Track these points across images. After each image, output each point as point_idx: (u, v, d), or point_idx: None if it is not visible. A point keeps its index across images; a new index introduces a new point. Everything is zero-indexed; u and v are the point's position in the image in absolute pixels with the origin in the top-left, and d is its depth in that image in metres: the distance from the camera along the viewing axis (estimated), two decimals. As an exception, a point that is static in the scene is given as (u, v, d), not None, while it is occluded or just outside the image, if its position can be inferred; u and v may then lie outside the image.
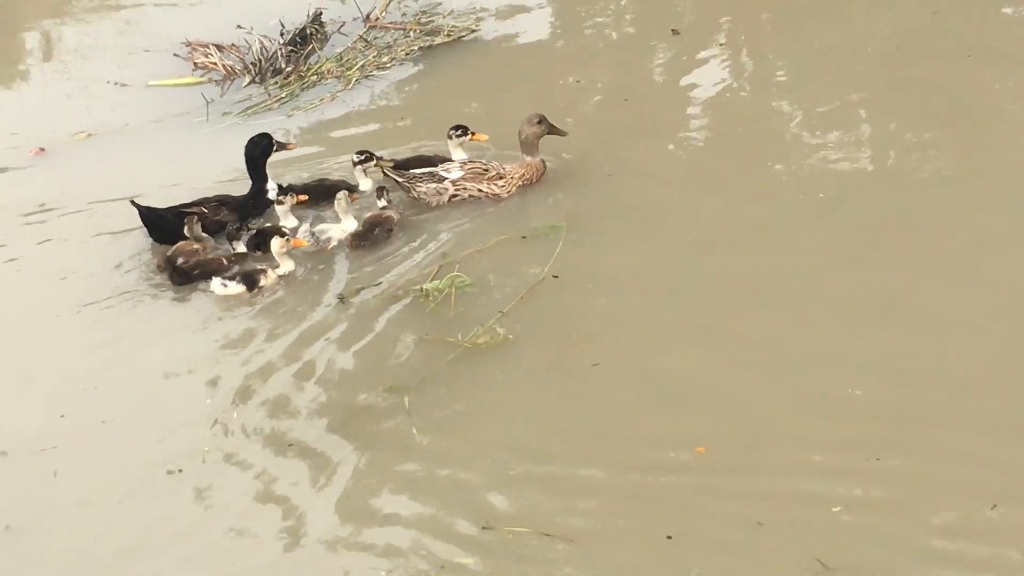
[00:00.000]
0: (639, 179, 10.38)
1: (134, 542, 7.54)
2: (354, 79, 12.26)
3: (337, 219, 10.20)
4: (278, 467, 7.93)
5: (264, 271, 9.81)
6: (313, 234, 10.11)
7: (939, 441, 7.58)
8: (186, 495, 7.81)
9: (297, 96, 12.15)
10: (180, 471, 7.94)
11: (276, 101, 12.09)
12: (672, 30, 12.59)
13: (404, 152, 10.93)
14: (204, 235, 10.20)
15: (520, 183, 10.47)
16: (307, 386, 8.57)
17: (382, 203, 10.26)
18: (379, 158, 10.61)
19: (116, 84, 12.73)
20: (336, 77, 12.36)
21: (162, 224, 10.19)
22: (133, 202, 10.16)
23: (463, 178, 10.43)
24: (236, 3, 13.88)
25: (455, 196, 10.42)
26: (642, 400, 8.14)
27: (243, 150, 10.59)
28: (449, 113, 11.37)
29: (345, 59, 12.60)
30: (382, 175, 10.50)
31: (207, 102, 12.14)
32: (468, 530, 7.33)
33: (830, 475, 7.43)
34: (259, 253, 10.03)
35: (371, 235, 10.06)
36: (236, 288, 9.71)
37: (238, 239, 10.14)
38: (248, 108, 12.06)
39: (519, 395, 8.32)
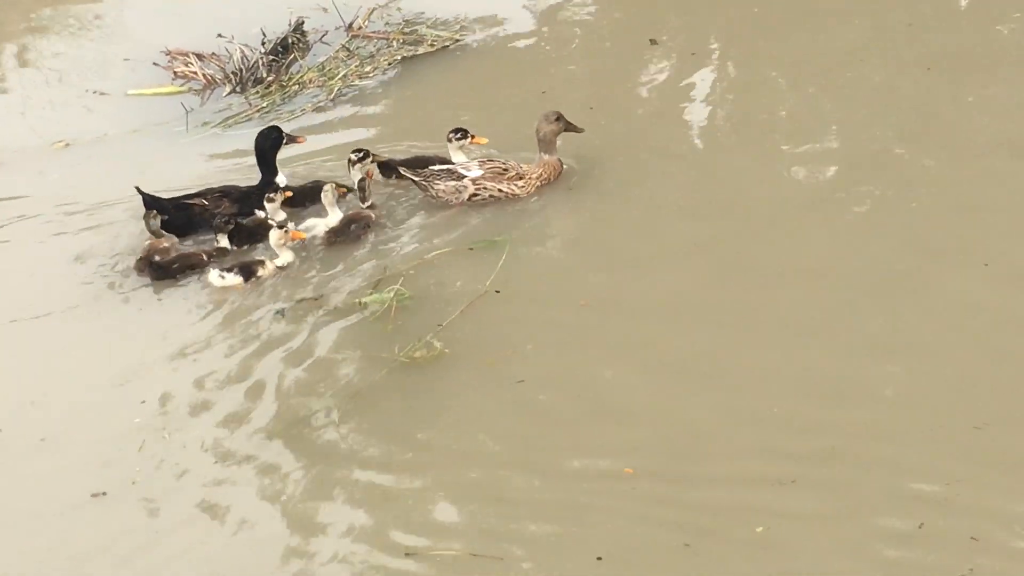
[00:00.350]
0: (594, 195, 10.27)
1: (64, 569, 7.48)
2: (336, 88, 12.13)
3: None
4: (215, 480, 7.89)
5: (262, 262, 9.86)
6: (284, 227, 10.10)
7: (869, 457, 7.52)
8: (119, 514, 7.74)
9: (278, 106, 12.02)
10: (104, 494, 7.87)
11: (257, 111, 11.96)
12: (650, 40, 12.49)
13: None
14: (163, 232, 10.17)
15: (539, 183, 10.39)
16: (242, 399, 8.51)
17: (368, 203, 10.26)
18: (375, 156, 10.54)
19: (95, 93, 12.60)
20: (318, 87, 12.23)
21: (164, 213, 10.24)
22: (138, 188, 10.21)
23: (483, 177, 10.32)
24: (217, 12, 13.73)
25: (475, 195, 10.31)
26: (576, 415, 8.09)
27: (253, 143, 10.65)
28: (429, 121, 11.31)
29: (327, 68, 12.47)
30: (370, 175, 10.37)
31: (187, 111, 12.01)
32: (396, 549, 7.28)
33: (760, 490, 7.38)
34: (244, 248, 10.08)
35: (347, 231, 10.06)
36: (233, 279, 9.75)
37: (223, 232, 10.15)
38: (228, 118, 11.93)
39: (453, 409, 8.26)
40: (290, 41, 12.78)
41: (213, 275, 9.79)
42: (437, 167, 10.38)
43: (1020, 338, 8.27)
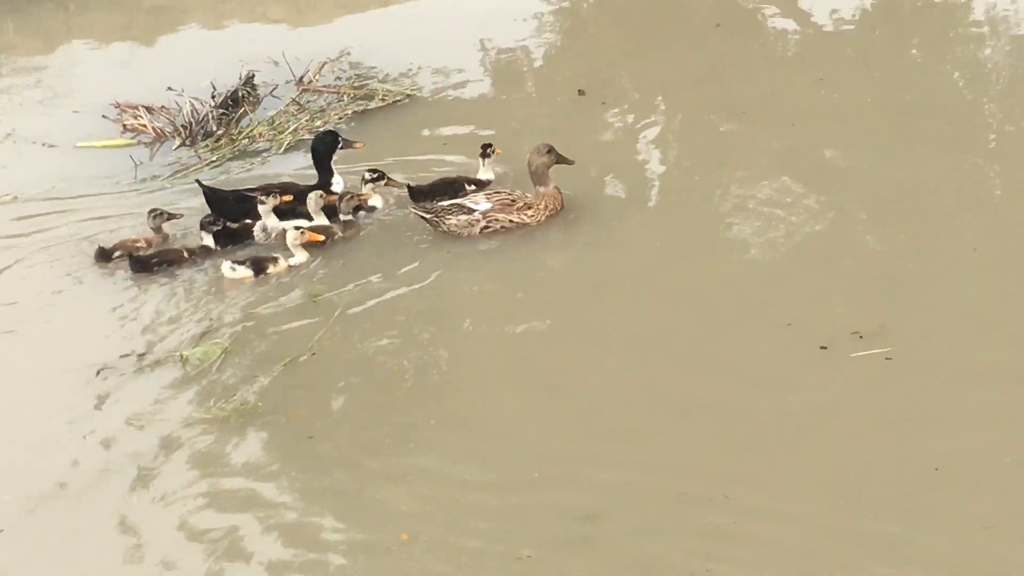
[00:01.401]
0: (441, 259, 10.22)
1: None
2: (286, 143, 12.09)
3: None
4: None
5: (276, 259, 10.20)
6: (265, 229, 10.52)
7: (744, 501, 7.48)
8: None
9: (228, 159, 11.98)
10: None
11: (206, 164, 11.90)
12: (579, 91, 12.55)
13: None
14: (166, 231, 10.66)
15: (548, 213, 10.46)
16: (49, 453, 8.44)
17: (347, 217, 10.50)
18: (390, 178, 10.88)
19: (44, 145, 12.51)
20: (268, 140, 12.21)
21: (223, 205, 10.64)
22: (198, 181, 10.80)
23: (492, 209, 10.41)
24: (167, 64, 13.75)
25: (487, 228, 10.40)
26: (360, 481, 7.96)
27: (310, 146, 11.13)
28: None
29: (277, 122, 12.45)
30: (364, 199, 10.66)
31: (136, 165, 11.94)
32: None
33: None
34: (228, 248, 10.40)
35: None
36: (244, 272, 10.09)
37: (208, 232, 10.45)
38: (178, 171, 11.87)
39: (256, 467, 8.19)
40: (240, 95, 12.77)
41: (225, 266, 10.12)
42: (446, 203, 10.48)
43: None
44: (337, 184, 10.98)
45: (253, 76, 13.04)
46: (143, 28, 15.32)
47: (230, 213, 10.64)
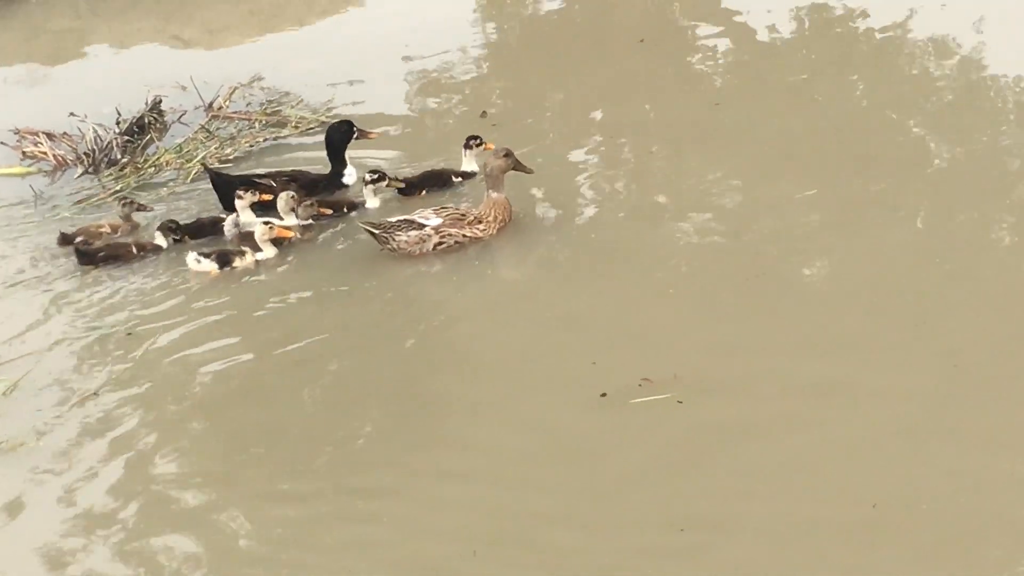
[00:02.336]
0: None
1: None
2: (194, 172, 11.54)
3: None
4: None
5: (243, 253, 10.13)
6: (237, 225, 10.46)
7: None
8: None
9: (134, 188, 11.41)
10: None
11: (111, 194, 11.34)
12: (482, 112, 12.22)
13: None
14: (135, 220, 10.71)
15: (498, 226, 10.18)
16: None
17: (304, 221, 10.43)
18: (391, 178, 10.78)
19: (-62, 173, 11.90)
20: (176, 169, 11.65)
21: (229, 191, 10.60)
22: (204, 164, 10.91)
23: (444, 224, 10.12)
24: (70, 89, 13.20)
25: (440, 244, 10.10)
26: (139, 515, 7.76)
27: (325, 135, 11.14)
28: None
29: (185, 150, 11.90)
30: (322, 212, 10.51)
31: (36, 194, 11.37)
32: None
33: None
34: (182, 241, 10.36)
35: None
36: (209, 265, 10.03)
37: (165, 235, 10.37)
38: (80, 201, 11.31)
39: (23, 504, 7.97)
40: (146, 121, 12.23)
41: (190, 258, 10.08)
42: (394, 219, 10.15)
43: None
44: (349, 175, 11.06)
45: (160, 101, 12.51)
46: (46, 50, 14.74)
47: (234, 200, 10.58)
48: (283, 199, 10.50)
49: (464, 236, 10.11)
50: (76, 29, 15.21)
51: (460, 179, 11.00)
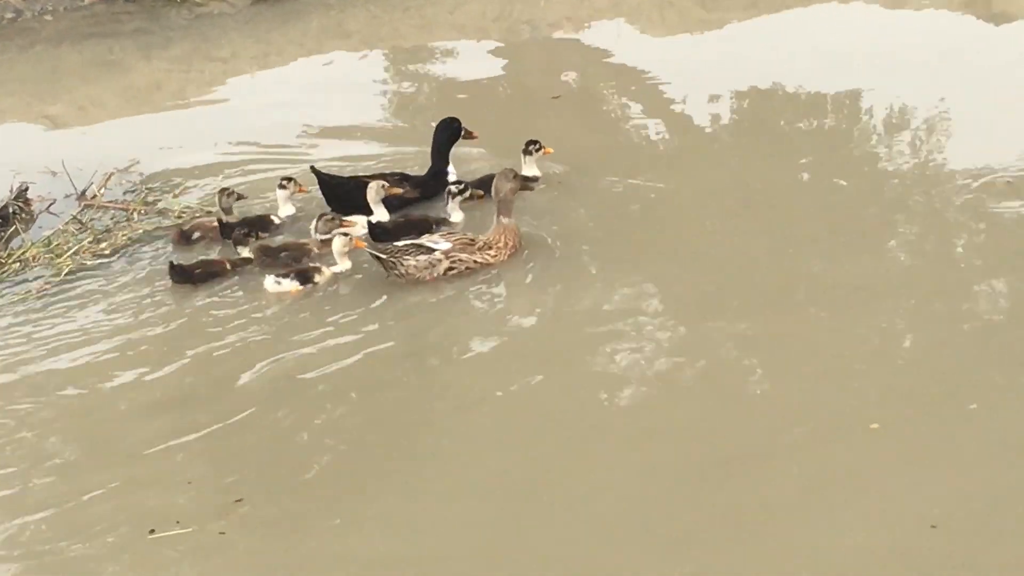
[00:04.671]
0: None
1: None
2: (66, 268, 10.37)
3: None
4: None
5: (319, 269, 9.99)
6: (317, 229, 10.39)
7: None
8: None
9: (-5, 285, 10.26)
10: None
11: (-30, 290, 10.17)
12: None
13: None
14: (232, 212, 10.71)
15: (509, 251, 10.06)
16: None
17: (316, 235, 10.34)
18: (474, 189, 10.72)
19: None
20: (44, 265, 10.46)
21: (341, 192, 10.71)
22: (313, 168, 10.86)
23: (453, 249, 10.00)
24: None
25: (451, 269, 9.99)
26: None
27: (432, 130, 11.11)
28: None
29: (55, 244, 10.73)
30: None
31: None
32: None
33: None
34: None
35: (279, 257, 10.19)
36: (290, 285, 9.88)
37: (244, 244, 10.25)
38: (-65, 300, 10.12)
39: None
40: (11, 210, 11.07)
41: (268, 281, 9.91)
42: (402, 243, 10.04)
43: None
44: (452, 174, 11.02)
45: (27, 189, 11.38)
46: None
47: (347, 200, 10.62)
48: (373, 188, 10.55)
49: (475, 262, 9.98)
50: (-66, 106, 14.10)
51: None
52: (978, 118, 11.88)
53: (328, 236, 10.22)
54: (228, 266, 10.12)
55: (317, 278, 9.91)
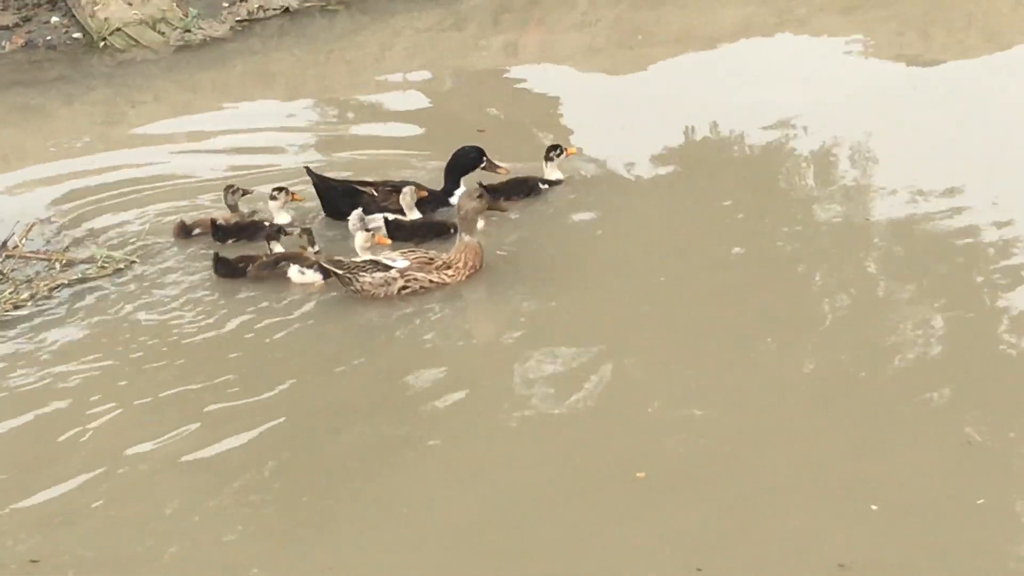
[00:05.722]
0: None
1: None
2: (-12, 323, 10.17)
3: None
4: None
5: (341, 261, 10.10)
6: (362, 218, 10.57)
7: None
8: None
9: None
10: None
11: None
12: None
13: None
14: (239, 209, 11.13)
15: (468, 272, 10.04)
16: None
17: (314, 249, 10.43)
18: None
19: None
20: (-38, 319, 10.26)
21: (332, 196, 11.00)
22: (307, 168, 11.14)
23: (410, 268, 9.99)
24: None
25: (405, 288, 9.96)
26: None
27: (452, 153, 11.27)
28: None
29: (-26, 296, 10.53)
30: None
31: None
32: None
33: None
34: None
35: (277, 267, 10.36)
36: (313, 276, 10.19)
37: (277, 240, 10.61)
38: None
39: None
40: (-71, 264, 10.82)
41: (293, 270, 10.21)
42: (359, 259, 10.08)
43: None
44: (458, 196, 10.96)
45: (-55, 241, 11.14)
46: None
47: (339, 205, 10.87)
48: (408, 193, 10.82)
49: (431, 281, 9.96)
50: None
51: (547, 186, 11.38)
52: (902, 155, 11.94)
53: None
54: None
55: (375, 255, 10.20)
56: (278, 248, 10.56)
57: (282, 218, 11.00)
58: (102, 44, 15.84)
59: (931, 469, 7.92)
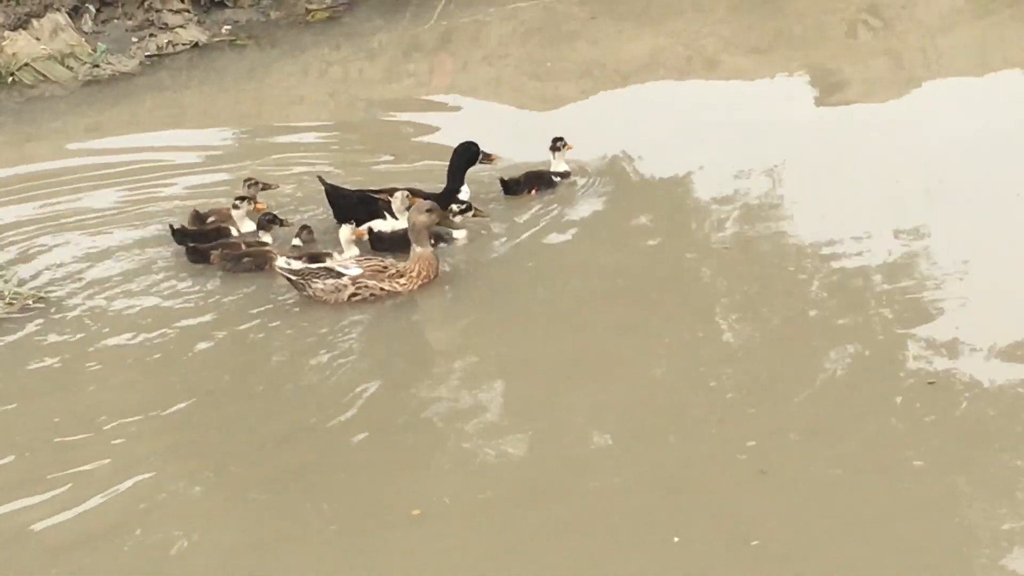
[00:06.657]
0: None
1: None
2: None
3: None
4: None
5: (330, 254, 10.64)
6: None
7: None
8: None
9: None
10: None
11: None
12: None
13: None
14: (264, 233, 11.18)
15: (421, 281, 10.30)
16: None
17: (296, 241, 10.96)
18: (477, 209, 11.14)
19: None
20: None
21: (345, 204, 11.12)
22: (320, 178, 11.39)
23: (362, 275, 10.24)
24: None
25: (355, 295, 10.19)
26: None
27: (452, 151, 11.60)
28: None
29: None
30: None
31: None
32: None
33: None
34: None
35: (241, 263, 10.72)
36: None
37: (268, 231, 11.05)
38: None
39: None
40: None
41: (281, 261, 10.39)
42: (314, 265, 10.35)
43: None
44: (464, 193, 11.38)
45: None
46: None
47: (352, 213, 10.99)
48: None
49: (382, 289, 10.22)
50: None
51: (559, 179, 11.92)
52: (819, 194, 12.04)
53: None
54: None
55: (328, 262, 10.44)
56: (267, 237, 11.04)
57: (247, 226, 11.25)
58: (10, 80, 15.78)
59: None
